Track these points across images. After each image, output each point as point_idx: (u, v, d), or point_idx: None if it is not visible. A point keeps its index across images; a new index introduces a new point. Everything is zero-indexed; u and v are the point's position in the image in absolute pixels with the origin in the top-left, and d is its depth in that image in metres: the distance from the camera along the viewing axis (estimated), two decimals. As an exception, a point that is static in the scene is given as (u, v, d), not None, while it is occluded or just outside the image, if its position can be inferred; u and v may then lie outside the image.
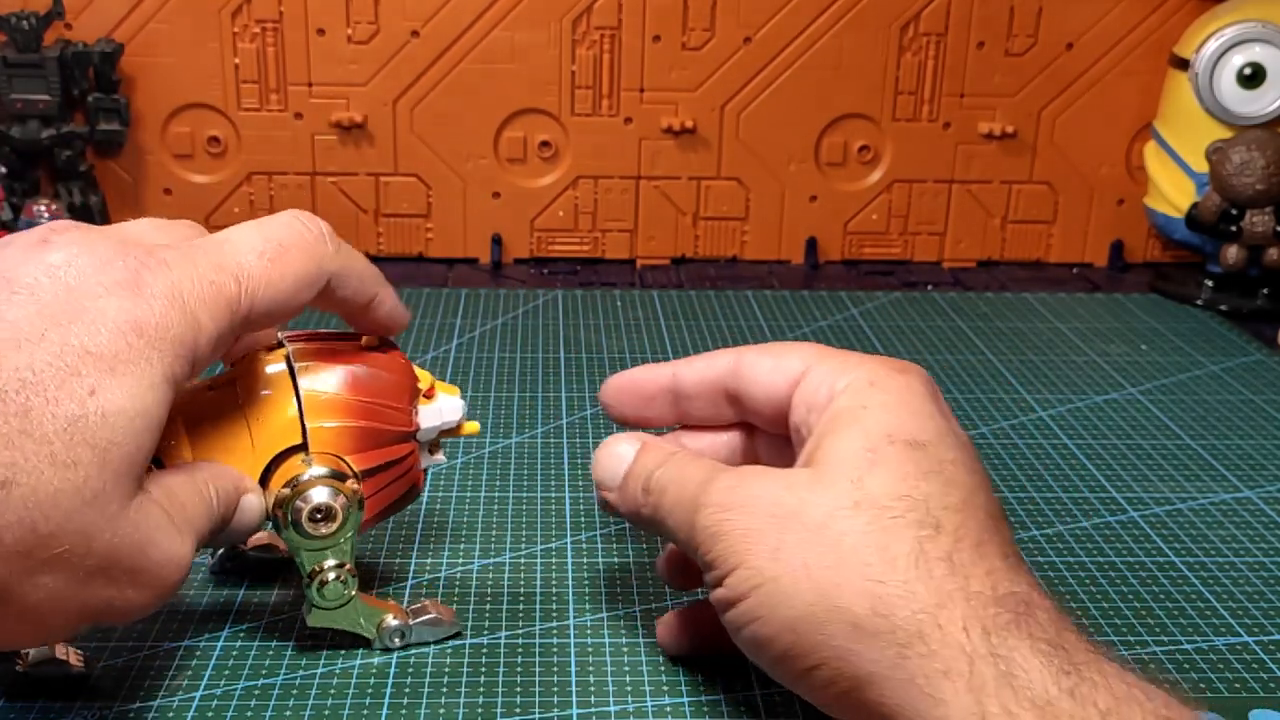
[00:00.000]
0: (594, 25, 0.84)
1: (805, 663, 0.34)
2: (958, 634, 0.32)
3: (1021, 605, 0.32)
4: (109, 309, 0.33)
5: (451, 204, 0.88)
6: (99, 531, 0.32)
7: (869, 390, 0.38)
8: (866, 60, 0.86)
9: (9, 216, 0.80)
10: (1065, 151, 0.90)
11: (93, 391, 0.32)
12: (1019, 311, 0.81)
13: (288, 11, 0.83)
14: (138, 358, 0.33)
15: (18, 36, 0.79)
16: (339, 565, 0.41)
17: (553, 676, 0.42)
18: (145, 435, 0.33)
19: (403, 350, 0.43)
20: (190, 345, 0.34)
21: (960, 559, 0.33)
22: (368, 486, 0.41)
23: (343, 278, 0.39)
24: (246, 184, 0.86)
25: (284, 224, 0.38)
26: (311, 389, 0.40)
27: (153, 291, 0.34)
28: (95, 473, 0.32)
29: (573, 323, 0.76)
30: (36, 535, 0.31)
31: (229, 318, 0.36)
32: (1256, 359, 0.74)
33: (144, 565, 0.34)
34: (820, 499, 0.35)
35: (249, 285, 0.36)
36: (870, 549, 0.34)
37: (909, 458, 0.35)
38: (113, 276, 0.34)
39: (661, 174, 0.88)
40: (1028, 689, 0.30)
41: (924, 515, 0.34)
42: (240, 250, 0.37)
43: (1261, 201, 0.80)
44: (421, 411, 0.42)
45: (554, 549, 0.50)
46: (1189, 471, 0.59)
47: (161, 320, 0.34)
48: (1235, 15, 0.82)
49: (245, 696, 0.41)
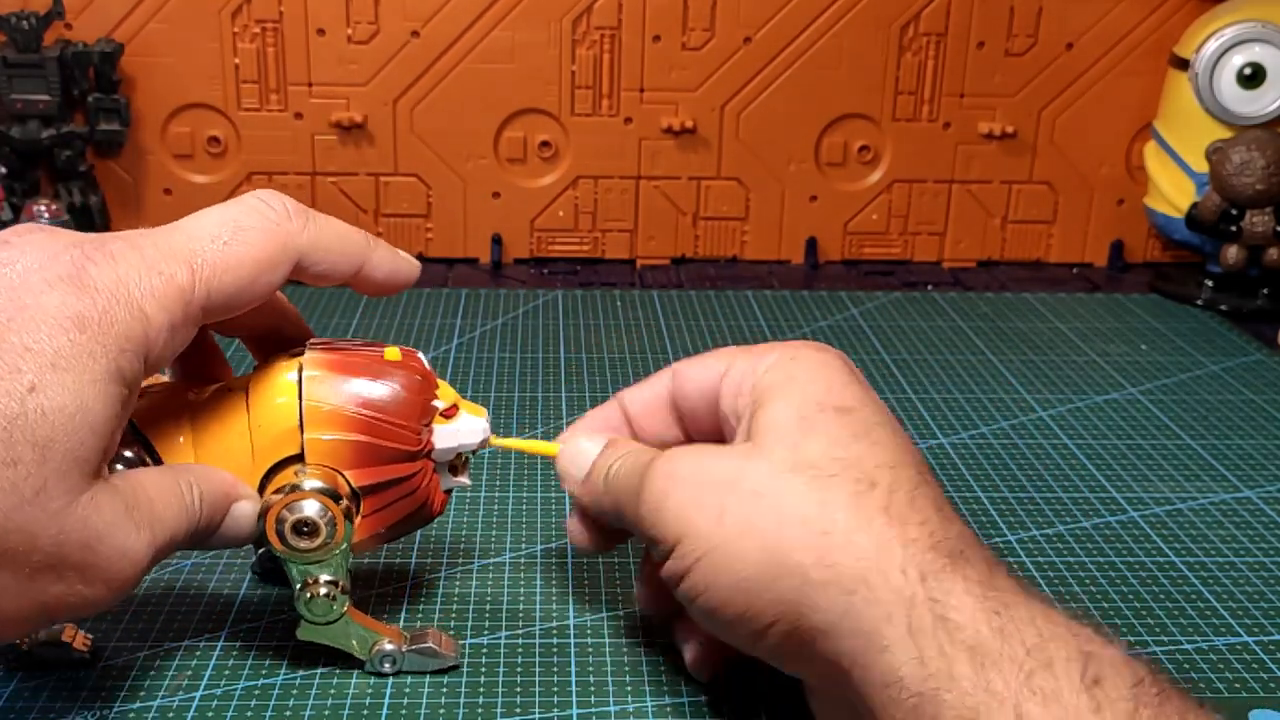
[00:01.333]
0: (594, 25, 0.84)
1: (759, 623, 0.35)
2: (897, 578, 0.33)
3: (956, 550, 0.34)
4: (49, 304, 0.33)
5: (451, 204, 0.88)
6: (42, 528, 0.32)
7: (791, 364, 0.39)
8: (866, 60, 0.86)
9: (9, 216, 0.80)
10: (1065, 151, 0.90)
11: (32, 388, 0.32)
12: (1019, 311, 0.81)
13: (288, 11, 0.83)
14: (80, 353, 0.32)
15: (18, 36, 0.79)
16: (332, 582, 0.40)
17: (553, 676, 0.42)
18: (89, 432, 0.33)
19: (428, 365, 0.42)
20: (139, 339, 0.34)
21: (896, 511, 0.34)
22: (367, 504, 0.40)
23: (315, 254, 0.38)
24: (246, 184, 0.86)
25: (244, 206, 0.37)
26: (314, 399, 0.39)
27: (96, 285, 0.33)
28: (35, 470, 0.32)
29: (573, 323, 0.76)
30: None
31: (181, 308, 0.35)
32: (1256, 359, 0.74)
33: (93, 561, 0.33)
34: (758, 465, 0.36)
35: (203, 273, 0.35)
36: (811, 504, 0.35)
37: (839, 422, 0.37)
38: (56, 271, 0.33)
39: (661, 174, 0.88)
40: (960, 630, 0.31)
41: (859, 473, 0.35)
42: (194, 236, 0.36)
43: (1261, 201, 0.80)
44: (437, 431, 0.41)
45: (554, 549, 0.50)
46: (1189, 471, 0.59)
47: (105, 315, 0.33)
48: (1235, 15, 0.82)
49: (245, 696, 0.41)
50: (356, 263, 0.39)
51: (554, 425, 0.62)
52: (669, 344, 0.73)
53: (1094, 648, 0.31)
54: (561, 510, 0.53)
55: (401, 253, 0.41)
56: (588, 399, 0.65)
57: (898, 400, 0.65)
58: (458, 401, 0.42)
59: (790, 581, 0.34)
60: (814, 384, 0.38)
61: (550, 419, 0.62)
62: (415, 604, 0.46)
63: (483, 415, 0.42)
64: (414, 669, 0.42)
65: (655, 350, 0.72)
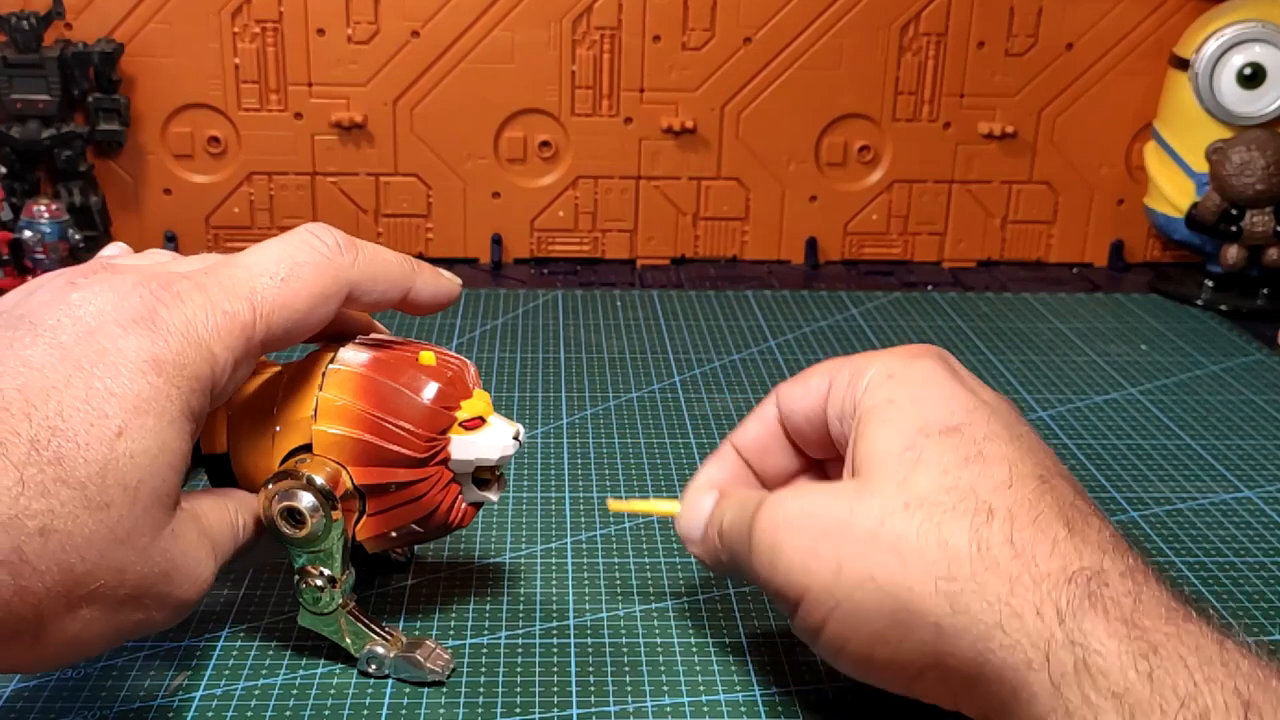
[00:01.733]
0: (594, 25, 0.84)
1: (906, 673, 0.34)
2: (1033, 620, 0.31)
3: (1094, 580, 0.32)
4: (127, 348, 0.33)
5: (451, 204, 0.88)
6: (131, 565, 0.33)
7: (890, 384, 0.38)
8: (866, 60, 0.86)
9: (9, 216, 0.80)
10: (1065, 151, 0.90)
11: (120, 433, 0.32)
12: (1019, 311, 0.81)
13: (288, 11, 0.83)
14: (158, 395, 0.33)
15: (18, 36, 0.79)
16: (329, 576, 0.40)
17: (553, 676, 0.42)
18: (170, 470, 0.34)
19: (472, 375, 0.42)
20: (206, 379, 0.35)
21: (1021, 539, 0.33)
22: (371, 504, 0.40)
23: (365, 284, 0.39)
24: (246, 184, 0.86)
25: (298, 242, 0.38)
26: (330, 393, 0.40)
27: (169, 327, 0.34)
28: (127, 512, 0.33)
29: (573, 323, 0.76)
30: (74, 576, 0.32)
31: (244, 345, 0.36)
32: (1256, 359, 0.74)
33: (171, 590, 0.35)
34: (869, 506, 0.35)
35: (263, 309, 0.36)
36: (931, 547, 0.33)
37: (946, 446, 0.35)
38: (128, 313, 0.34)
39: (661, 174, 0.88)
40: (1105, 676, 0.30)
41: (974, 502, 0.34)
42: (254, 273, 0.37)
43: (1261, 201, 0.80)
44: (455, 442, 0.40)
45: (554, 549, 0.50)
46: (1189, 471, 0.59)
47: (178, 357, 0.34)
48: (1235, 15, 0.82)
49: (245, 696, 0.41)
50: (403, 289, 0.41)
51: (553, 426, 0.62)
52: (669, 344, 0.73)
53: (1254, 690, 0.29)
54: (562, 510, 0.53)
55: (444, 273, 0.43)
56: (588, 399, 0.65)
57: (898, 400, 0.65)
58: (485, 415, 0.41)
59: (925, 634, 0.33)
60: (916, 404, 0.37)
61: (550, 419, 0.62)
62: (415, 604, 0.46)
63: (513, 431, 0.41)
64: (400, 675, 0.42)
65: (655, 350, 0.72)
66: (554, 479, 0.56)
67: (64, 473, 0.31)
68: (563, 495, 0.55)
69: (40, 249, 0.80)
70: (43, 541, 0.31)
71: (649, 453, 0.59)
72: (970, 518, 0.34)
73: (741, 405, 0.65)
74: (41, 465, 0.31)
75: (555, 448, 0.59)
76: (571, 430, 0.61)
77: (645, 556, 0.50)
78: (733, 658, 0.43)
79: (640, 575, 0.48)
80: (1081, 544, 0.33)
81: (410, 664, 0.41)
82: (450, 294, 0.42)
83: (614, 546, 0.50)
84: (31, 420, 0.31)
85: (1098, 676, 0.30)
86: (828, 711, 0.41)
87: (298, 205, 0.86)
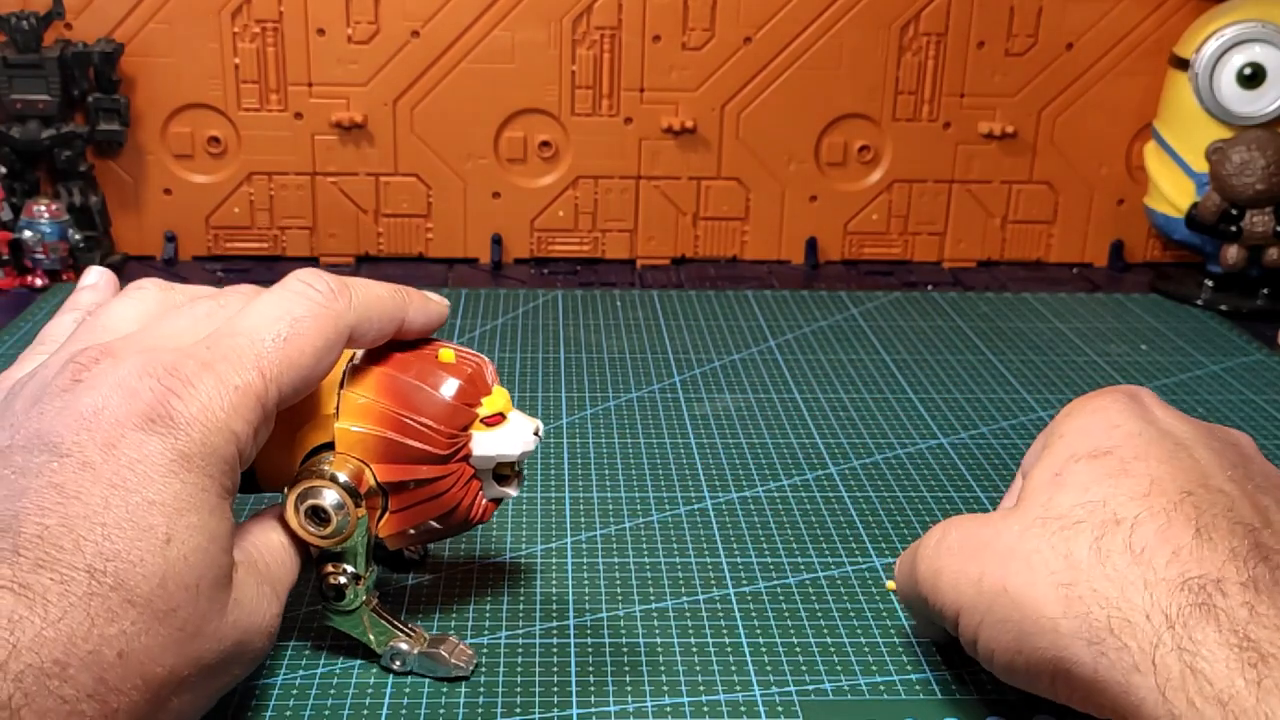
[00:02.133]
0: (594, 25, 0.84)
1: (1041, 679, 0.35)
2: (1143, 625, 0.32)
3: (1210, 589, 0.32)
4: (153, 454, 0.33)
5: (451, 204, 0.88)
6: (209, 650, 0.34)
7: (1064, 421, 0.40)
8: (866, 60, 0.86)
9: (9, 216, 0.80)
10: (1065, 151, 0.90)
11: (169, 539, 0.33)
12: (1019, 311, 0.81)
13: (288, 11, 0.83)
14: (194, 490, 0.34)
15: (18, 36, 0.79)
16: (353, 573, 0.40)
17: (553, 676, 0.42)
18: (223, 554, 0.34)
19: (491, 373, 0.42)
20: (233, 458, 0.35)
21: (1140, 543, 0.34)
22: (393, 501, 0.40)
23: (363, 326, 0.39)
24: (246, 184, 0.86)
25: (293, 295, 0.38)
26: (352, 390, 0.40)
27: (187, 419, 0.34)
28: (193, 610, 0.33)
29: (573, 323, 0.76)
30: (158, 681, 0.32)
31: (260, 414, 0.36)
32: (1256, 359, 0.74)
33: (245, 650, 0.36)
34: (1012, 525, 0.37)
35: (272, 374, 0.36)
36: (1056, 557, 0.35)
37: (1091, 468, 0.37)
38: (142, 412, 0.34)
39: (661, 174, 0.88)
40: (1211, 684, 0.30)
41: (1105, 514, 0.35)
42: (256, 340, 0.36)
43: (1261, 201, 0.80)
44: (476, 439, 0.40)
45: (554, 549, 0.50)
46: (1189, 471, 0.59)
47: (203, 448, 0.34)
48: (1235, 15, 0.82)
49: (245, 696, 0.41)
50: (398, 321, 0.41)
51: (553, 426, 0.62)
52: (669, 344, 0.73)
53: None
54: (562, 510, 0.53)
55: (432, 296, 0.42)
56: (588, 399, 0.65)
57: (897, 400, 0.65)
58: (506, 411, 0.41)
59: (1045, 639, 0.34)
60: (1077, 435, 0.39)
61: (550, 419, 0.62)
62: (415, 604, 0.46)
63: (533, 427, 0.41)
64: (423, 671, 0.42)
65: (655, 350, 0.72)
66: (554, 479, 0.56)
67: (127, 594, 0.31)
68: (563, 495, 0.55)
69: (40, 249, 0.80)
70: (123, 664, 0.31)
71: (649, 453, 0.59)
72: (1097, 529, 0.35)
73: (741, 405, 0.65)
74: (105, 594, 0.31)
75: (555, 448, 0.59)
76: (571, 430, 0.61)
77: (645, 556, 0.50)
78: (732, 658, 0.43)
79: (640, 575, 0.48)
80: (1205, 551, 0.33)
81: (434, 660, 0.41)
82: (440, 317, 0.42)
83: (614, 546, 0.50)
84: (84, 551, 0.31)
85: (1204, 683, 0.30)
86: (828, 711, 0.41)
87: (298, 205, 0.86)
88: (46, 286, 0.80)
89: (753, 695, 0.41)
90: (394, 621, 0.42)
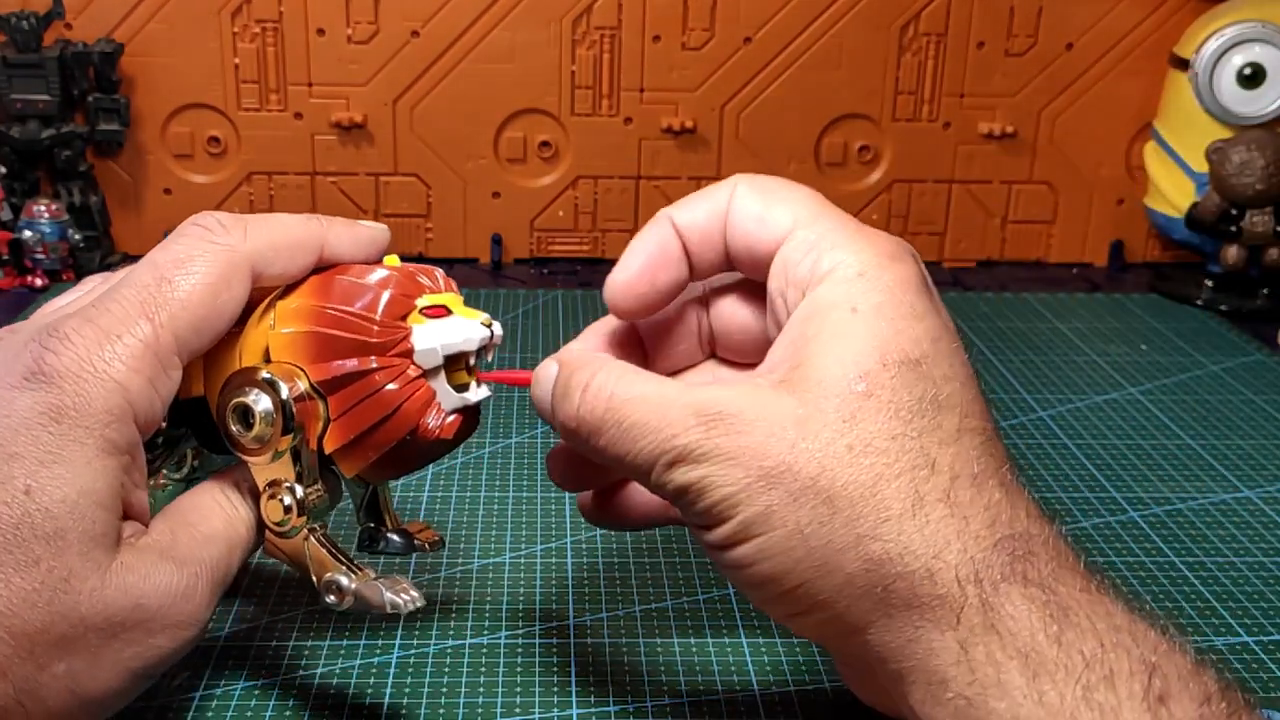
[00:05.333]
0: (594, 25, 0.84)
1: (797, 608, 0.33)
2: (950, 583, 0.31)
3: (1020, 546, 0.32)
4: (21, 407, 0.33)
5: (451, 204, 0.88)
6: (85, 608, 0.33)
7: (857, 283, 0.35)
8: (866, 60, 0.86)
9: (9, 216, 0.80)
10: (1065, 151, 0.90)
11: (28, 490, 0.32)
12: (1019, 311, 0.81)
13: (288, 11, 0.83)
14: (65, 442, 0.33)
15: (18, 36, 0.79)
16: (296, 498, 0.37)
17: (553, 676, 0.42)
18: (98, 509, 0.33)
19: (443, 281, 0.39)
20: (120, 408, 0.34)
21: (958, 497, 0.32)
22: (332, 405, 0.37)
23: (267, 254, 0.37)
24: (246, 184, 0.86)
25: (179, 237, 0.37)
26: (286, 299, 0.38)
27: (58, 371, 0.33)
28: (58, 562, 0.32)
29: (573, 323, 0.76)
30: (27, 635, 0.32)
31: (153, 362, 0.35)
32: (1256, 359, 0.74)
33: (150, 615, 0.34)
34: (812, 444, 0.32)
35: (162, 318, 0.35)
36: (864, 501, 0.32)
37: (903, 385, 0.33)
38: (18, 371, 0.34)
39: (661, 174, 0.88)
40: (1014, 636, 0.30)
41: (918, 455, 0.32)
42: (139, 286, 0.35)
43: (1261, 201, 0.80)
44: (416, 331, 0.37)
45: (554, 549, 0.50)
46: (1189, 471, 0.59)
47: (77, 397, 0.33)
48: (1235, 15, 0.82)
49: (245, 696, 0.41)
50: (313, 249, 0.38)
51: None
52: (669, 344, 0.73)
53: (1160, 659, 0.29)
54: (562, 510, 0.53)
55: (362, 222, 0.40)
56: (588, 399, 0.65)
57: (898, 400, 0.65)
58: (453, 307, 0.38)
59: (834, 582, 0.32)
60: (881, 320, 0.34)
61: (550, 419, 0.62)
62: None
63: (480, 318, 0.38)
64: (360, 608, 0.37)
65: (655, 350, 0.72)
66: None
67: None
68: (563, 495, 0.55)
69: (40, 249, 0.80)
70: None
71: (649, 453, 0.59)
72: (911, 471, 0.32)
73: (741, 405, 0.65)
74: None
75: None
76: (571, 430, 0.61)
77: (645, 556, 0.50)
78: (732, 658, 0.43)
79: (640, 575, 0.48)
80: (1012, 509, 0.32)
81: (369, 593, 0.37)
82: (374, 243, 0.39)
83: (614, 546, 0.50)
84: None
85: (1006, 637, 0.30)
86: (828, 711, 0.41)
87: (297, 205, 0.86)
88: (46, 286, 0.80)
89: (753, 695, 0.41)
90: (337, 553, 0.38)
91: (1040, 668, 0.29)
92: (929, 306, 0.35)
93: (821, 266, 0.35)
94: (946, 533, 0.32)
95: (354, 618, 0.45)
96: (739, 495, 0.33)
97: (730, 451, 0.33)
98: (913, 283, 0.35)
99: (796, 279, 0.36)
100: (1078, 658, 0.29)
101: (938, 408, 0.33)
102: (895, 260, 0.35)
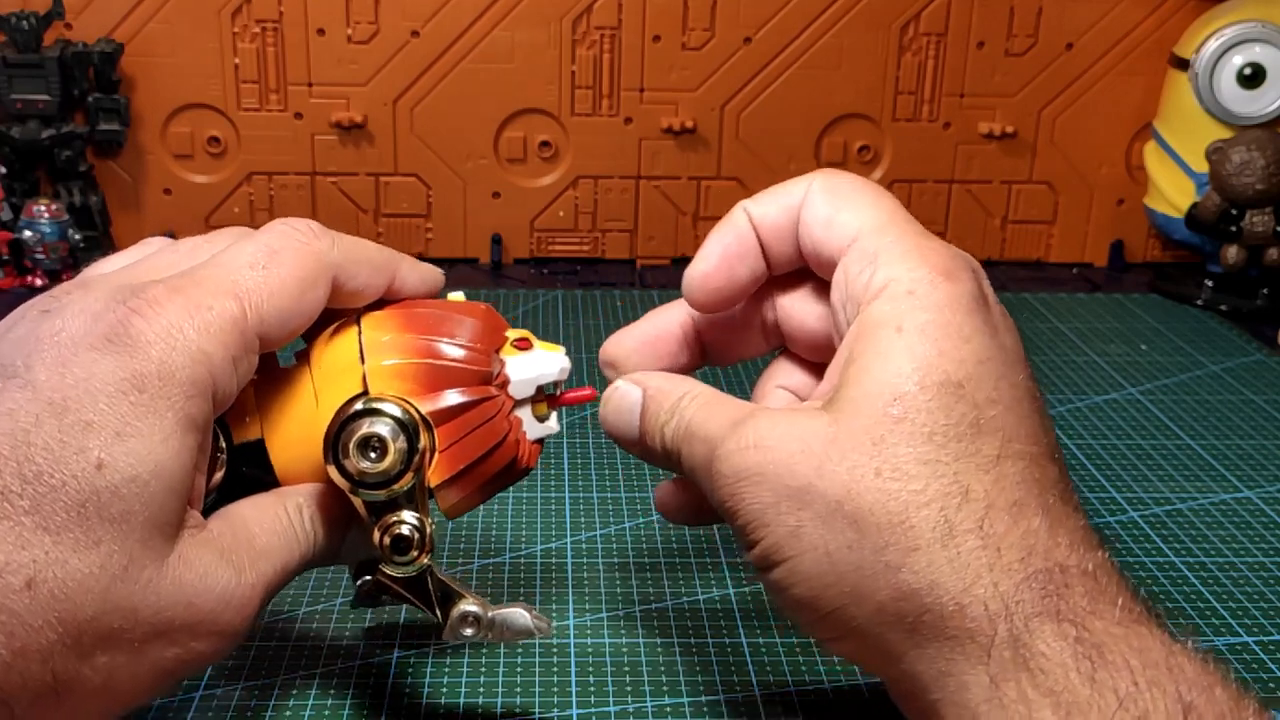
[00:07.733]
0: (594, 25, 0.84)
1: (835, 633, 0.33)
2: (980, 618, 0.30)
3: (1054, 579, 0.31)
4: (102, 372, 0.31)
5: (451, 204, 0.88)
6: (140, 600, 0.31)
7: (906, 301, 0.34)
8: (866, 60, 0.86)
9: (9, 216, 0.80)
10: (1065, 151, 0.90)
11: (100, 465, 0.30)
12: (1019, 311, 0.81)
13: (288, 11, 0.83)
14: (144, 414, 0.31)
15: (18, 36, 0.79)
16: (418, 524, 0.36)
17: (553, 676, 0.42)
18: (168, 494, 0.32)
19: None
20: (204, 381, 0.32)
21: (992, 527, 0.31)
22: (441, 435, 0.36)
23: (350, 268, 0.37)
24: (246, 184, 0.86)
25: (272, 232, 0.36)
26: (371, 330, 0.37)
27: (146, 338, 0.32)
28: (119, 547, 0.30)
29: (573, 323, 0.76)
30: (77, 624, 0.30)
31: (239, 340, 0.34)
32: (1256, 359, 0.74)
33: (198, 617, 0.33)
34: (838, 466, 0.32)
35: (251, 300, 0.34)
36: (892, 529, 0.31)
37: (940, 408, 0.32)
38: (101, 333, 0.32)
39: (661, 174, 0.88)
40: (1046, 675, 0.29)
41: (951, 482, 0.31)
42: (231, 267, 0.35)
43: (1261, 201, 0.80)
44: (510, 362, 0.38)
45: (554, 549, 0.50)
46: (1189, 471, 0.59)
47: (162, 367, 0.32)
48: (1235, 15, 0.82)
49: (245, 696, 0.41)
50: (388, 274, 0.38)
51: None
52: (669, 344, 0.73)
53: (1196, 696, 0.29)
54: (562, 510, 0.53)
55: (421, 263, 0.40)
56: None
57: (898, 400, 0.65)
58: (531, 337, 0.39)
59: (863, 610, 0.32)
60: (924, 341, 0.33)
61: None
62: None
63: (560, 351, 0.39)
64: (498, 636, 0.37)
65: (655, 350, 0.72)
66: (554, 479, 0.56)
67: (42, 520, 0.29)
68: (563, 495, 0.55)
69: (40, 249, 0.80)
70: (31, 595, 0.29)
71: (649, 453, 0.59)
72: (942, 500, 0.31)
73: (741, 405, 0.65)
74: (18, 516, 0.29)
75: (555, 448, 0.59)
76: (571, 430, 0.61)
77: (645, 557, 0.50)
78: (732, 658, 0.43)
79: (640, 575, 0.48)
80: (1051, 539, 0.32)
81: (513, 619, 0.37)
82: (436, 282, 0.40)
83: (614, 546, 0.51)
84: (2, 472, 0.30)
85: (1037, 674, 0.29)
86: (828, 711, 0.41)
87: (298, 205, 0.86)
88: (46, 286, 0.80)
89: (752, 695, 0.41)
90: (456, 585, 0.37)
91: (1073, 707, 0.29)
92: (979, 327, 0.34)
93: (876, 282, 0.34)
94: (977, 565, 0.31)
95: (354, 618, 0.45)
96: (767, 514, 0.33)
97: (757, 469, 0.33)
98: (964, 302, 0.34)
99: (854, 293, 0.35)
100: (1111, 697, 0.29)
101: (977, 432, 0.32)
102: (949, 278, 0.34)
